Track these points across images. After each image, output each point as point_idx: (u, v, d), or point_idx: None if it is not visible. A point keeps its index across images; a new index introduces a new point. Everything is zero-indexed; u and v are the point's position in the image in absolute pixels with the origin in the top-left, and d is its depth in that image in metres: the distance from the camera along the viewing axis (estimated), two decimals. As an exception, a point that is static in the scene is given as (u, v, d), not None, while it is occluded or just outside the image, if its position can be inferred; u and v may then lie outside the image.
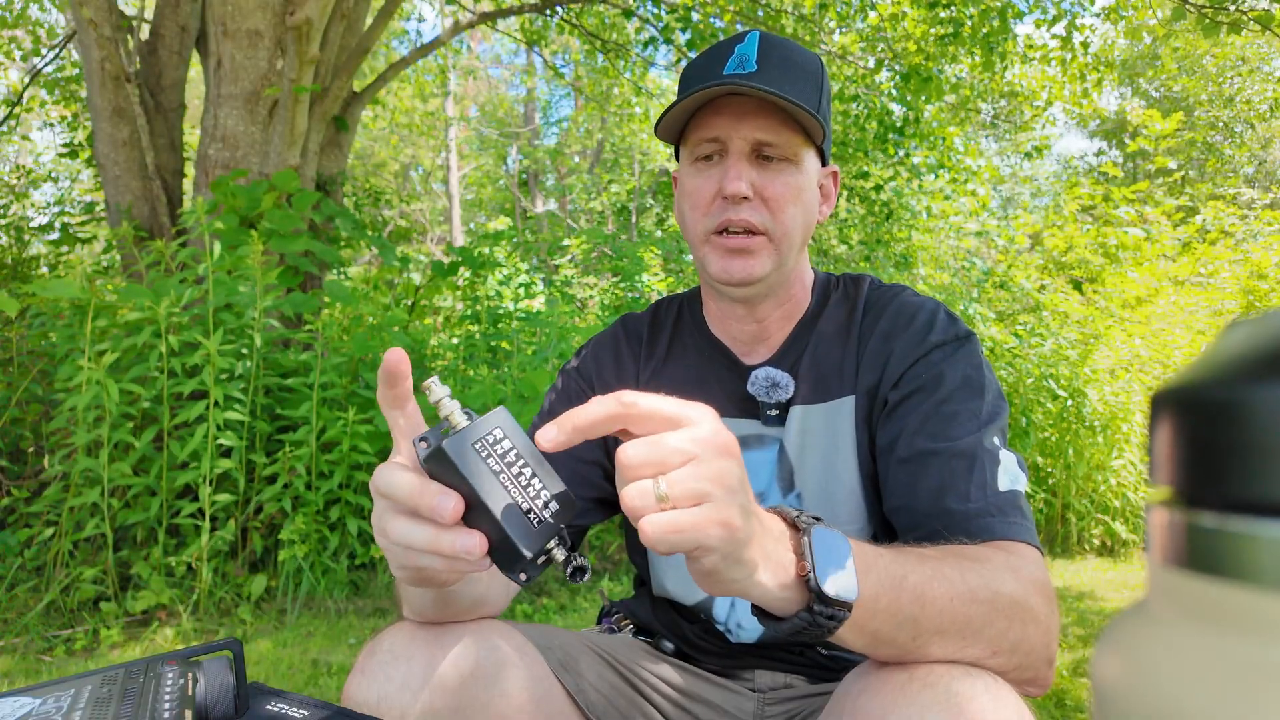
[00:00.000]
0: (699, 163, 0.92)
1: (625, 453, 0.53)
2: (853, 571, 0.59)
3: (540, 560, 0.57)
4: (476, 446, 0.56)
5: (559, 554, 0.58)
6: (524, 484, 0.57)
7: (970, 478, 0.80)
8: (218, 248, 3.02)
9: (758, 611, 0.62)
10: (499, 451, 0.56)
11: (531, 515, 0.56)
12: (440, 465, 0.55)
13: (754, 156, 0.89)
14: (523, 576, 0.57)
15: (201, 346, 2.82)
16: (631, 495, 0.53)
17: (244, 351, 2.99)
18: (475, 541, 0.55)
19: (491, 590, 0.85)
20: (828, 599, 0.58)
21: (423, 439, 0.58)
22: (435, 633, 0.82)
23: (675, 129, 0.94)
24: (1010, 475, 0.81)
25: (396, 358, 0.58)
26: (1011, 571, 0.70)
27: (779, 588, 0.58)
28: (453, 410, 0.58)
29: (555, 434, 0.55)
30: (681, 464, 0.53)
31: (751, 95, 0.86)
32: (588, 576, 0.59)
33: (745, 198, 0.88)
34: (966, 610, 0.65)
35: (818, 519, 0.61)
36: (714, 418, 0.56)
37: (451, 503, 0.55)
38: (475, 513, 0.55)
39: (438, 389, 0.57)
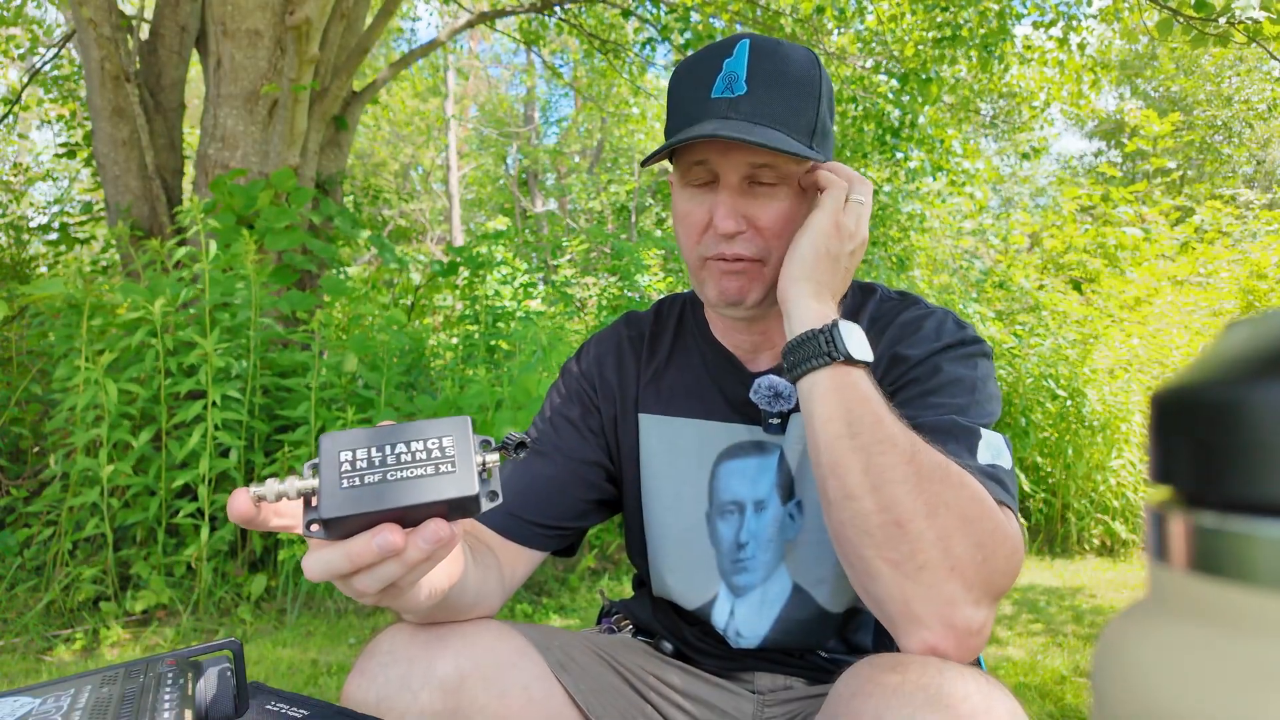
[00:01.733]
0: (691, 188, 0.90)
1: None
2: (867, 347, 0.77)
3: (486, 480, 0.56)
4: (345, 485, 0.54)
5: (493, 457, 0.57)
6: (411, 457, 0.55)
7: (945, 449, 0.76)
8: (213, 246, 3.01)
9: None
10: (363, 465, 0.54)
11: (443, 466, 0.55)
12: (342, 526, 0.54)
13: (746, 183, 0.87)
14: (490, 501, 0.56)
15: (198, 346, 2.81)
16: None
17: (240, 351, 2.98)
18: (434, 529, 0.55)
19: (486, 589, 0.85)
20: (835, 334, 0.75)
21: (308, 525, 0.55)
22: (434, 633, 0.82)
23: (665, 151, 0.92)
24: (992, 450, 0.79)
25: (237, 514, 0.56)
26: (990, 502, 0.72)
27: (815, 311, 0.78)
28: (296, 487, 0.55)
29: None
30: None
31: (741, 143, 0.82)
32: (526, 450, 0.59)
33: (737, 233, 0.86)
34: (928, 477, 0.69)
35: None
36: None
37: (386, 536, 0.54)
38: (410, 514, 0.54)
39: (267, 488, 0.55)
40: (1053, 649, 2.62)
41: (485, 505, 0.56)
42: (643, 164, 0.93)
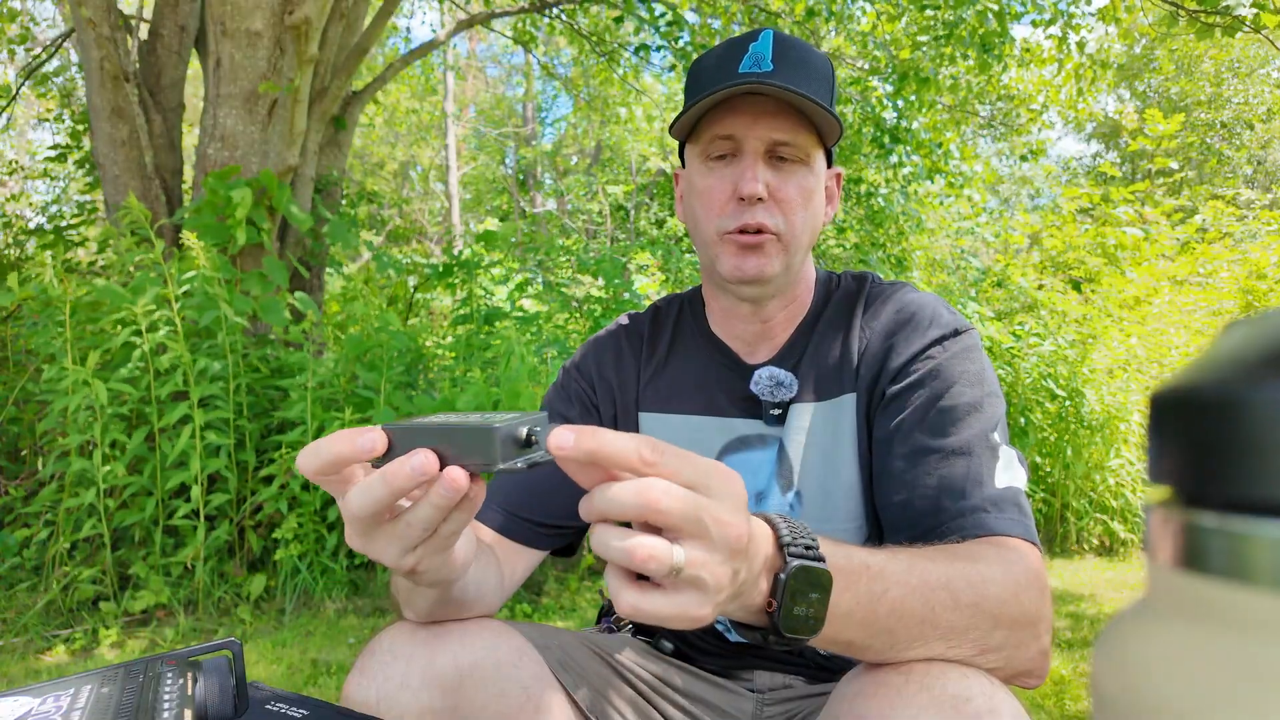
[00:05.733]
0: (712, 161, 0.92)
1: (654, 494, 0.49)
2: (823, 605, 0.58)
3: (527, 443, 0.55)
4: (407, 423, 0.56)
5: (540, 430, 0.55)
6: (472, 413, 0.59)
7: (968, 475, 0.80)
8: (160, 245, 3.00)
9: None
10: (434, 419, 0.58)
11: (495, 420, 0.55)
12: (394, 449, 0.56)
13: (768, 157, 0.89)
14: (522, 460, 0.54)
15: (171, 347, 2.80)
16: (645, 550, 0.49)
17: (217, 351, 2.96)
18: (451, 474, 0.54)
19: (486, 588, 0.85)
20: (785, 636, 0.58)
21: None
22: (434, 632, 0.82)
23: (685, 126, 0.93)
24: (1009, 472, 0.81)
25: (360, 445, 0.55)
26: (1001, 567, 0.70)
27: (744, 611, 0.58)
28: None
29: (570, 442, 0.49)
30: (698, 537, 0.50)
31: (771, 95, 0.86)
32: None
33: (760, 199, 0.88)
34: (949, 617, 0.65)
35: (811, 547, 0.59)
36: (738, 496, 0.53)
37: (420, 457, 0.53)
38: (449, 446, 0.54)
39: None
40: (1052, 650, 2.62)
41: (514, 460, 0.54)
42: (670, 130, 0.94)
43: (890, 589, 0.63)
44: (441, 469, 0.55)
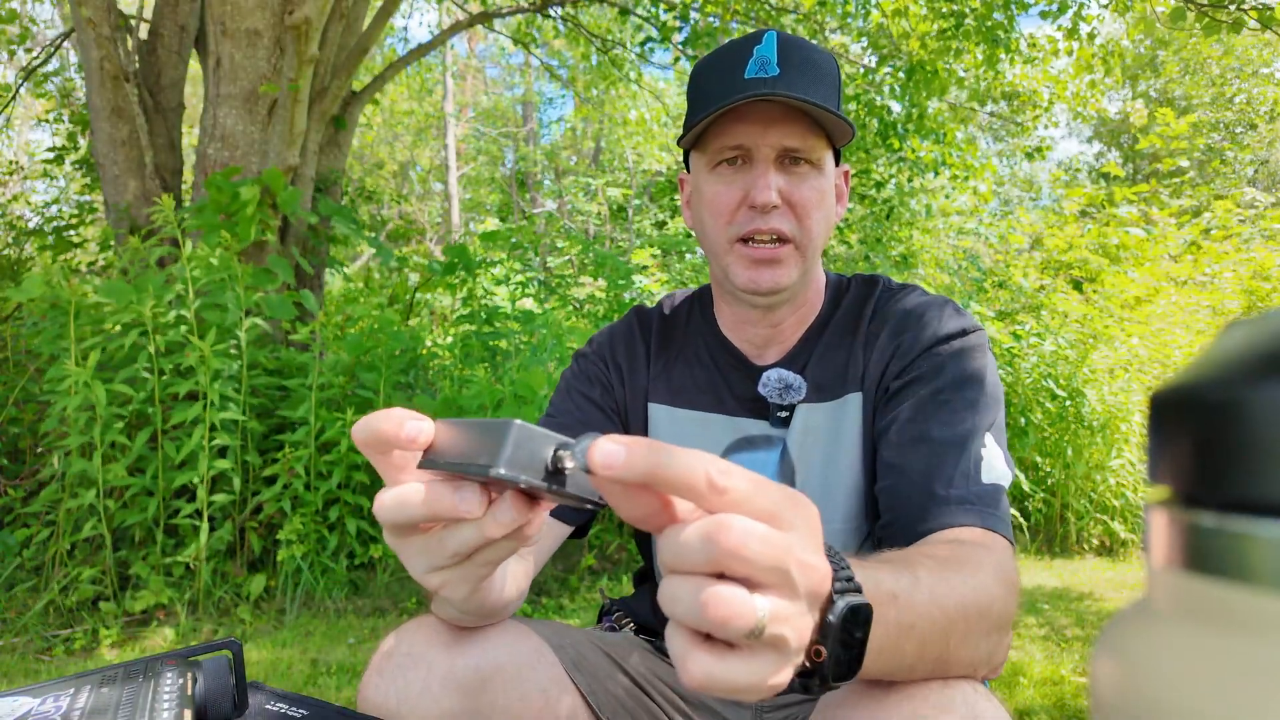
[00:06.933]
0: (721, 168, 0.91)
1: (735, 536, 0.39)
2: (865, 644, 0.51)
3: (556, 471, 0.45)
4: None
5: (566, 449, 0.46)
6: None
7: (956, 466, 0.81)
8: (189, 245, 2.99)
9: None
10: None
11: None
12: (442, 431, 0.48)
13: (779, 161, 0.89)
14: (539, 481, 0.45)
15: (192, 347, 2.79)
16: (724, 606, 0.38)
17: (233, 351, 2.97)
18: (509, 504, 0.48)
19: (518, 588, 0.84)
20: (831, 686, 0.51)
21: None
22: (455, 635, 0.81)
23: (694, 136, 0.92)
24: (995, 471, 0.82)
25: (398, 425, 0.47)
26: (994, 576, 0.70)
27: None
28: None
29: (621, 458, 0.39)
30: (782, 586, 0.41)
31: (781, 102, 0.85)
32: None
33: (775, 206, 0.88)
34: (958, 643, 0.65)
35: (851, 578, 0.51)
36: (815, 528, 0.45)
37: (469, 495, 0.47)
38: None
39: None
40: (1052, 649, 2.63)
41: (519, 476, 0.44)
42: (679, 141, 0.94)
43: (917, 624, 0.59)
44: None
